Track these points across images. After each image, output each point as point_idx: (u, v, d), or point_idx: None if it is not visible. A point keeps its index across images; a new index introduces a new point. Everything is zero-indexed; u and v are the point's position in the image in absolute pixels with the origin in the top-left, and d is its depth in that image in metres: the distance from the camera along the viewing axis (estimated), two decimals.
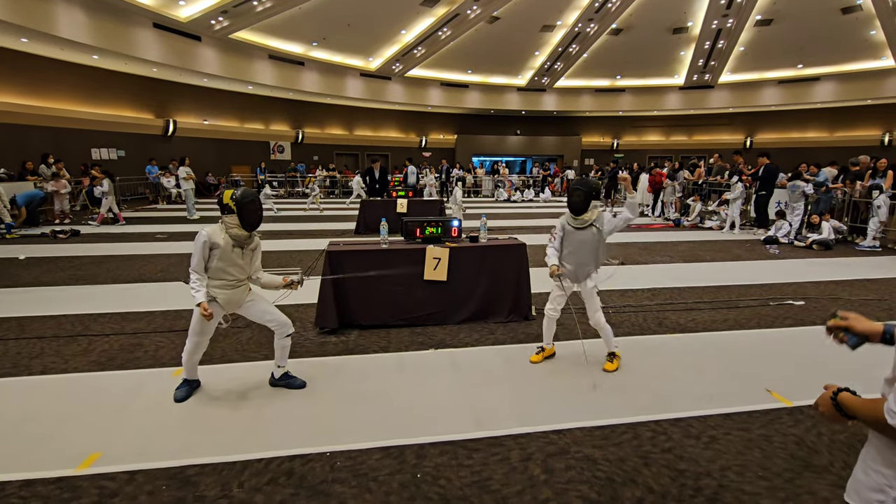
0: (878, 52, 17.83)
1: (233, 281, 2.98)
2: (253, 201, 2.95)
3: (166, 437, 2.67)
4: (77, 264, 6.89)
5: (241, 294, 3.05)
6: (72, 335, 4.16)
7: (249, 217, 2.93)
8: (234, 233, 2.92)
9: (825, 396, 1.21)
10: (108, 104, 16.09)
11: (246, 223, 2.93)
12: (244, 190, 2.99)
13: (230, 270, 2.95)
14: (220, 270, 2.93)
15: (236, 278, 2.99)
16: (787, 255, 7.96)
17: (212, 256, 2.90)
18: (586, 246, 3.44)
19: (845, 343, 1.28)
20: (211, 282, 2.93)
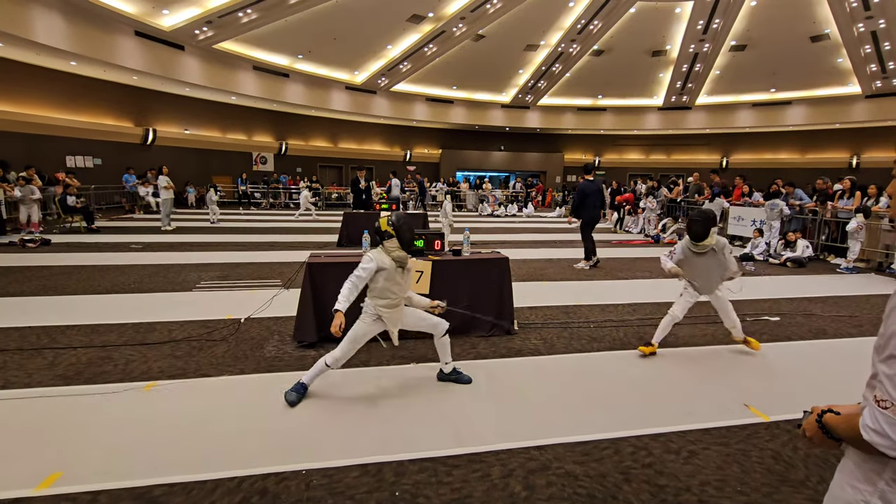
0: (845, 78, 18.68)
1: (396, 300, 3.17)
2: (407, 222, 3.18)
3: (133, 455, 2.55)
4: (46, 274, 6.65)
5: (401, 312, 3.26)
6: (37, 348, 3.98)
7: (407, 236, 3.14)
8: (398, 255, 3.12)
9: (811, 420, 1.18)
10: (85, 111, 15.79)
11: (405, 243, 3.14)
12: (397, 213, 3.23)
13: (394, 290, 3.13)
14: (385, 290, 3.11)
15: (399, 297, 3.18)
16: (763, 272, 8.15)
17: (377, 278, 3.09)
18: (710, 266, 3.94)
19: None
20: (379, 301, 3.12)
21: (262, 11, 14.29)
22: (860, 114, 19.55)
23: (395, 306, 3.18)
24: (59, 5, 11.94)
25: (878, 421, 0.95)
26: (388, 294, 3.12)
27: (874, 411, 0.96)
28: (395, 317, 3.21)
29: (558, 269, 7.78)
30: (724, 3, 15.72)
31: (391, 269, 3.08)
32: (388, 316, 3.16)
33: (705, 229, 3.83)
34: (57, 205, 11.60)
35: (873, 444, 0.96)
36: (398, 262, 3.12)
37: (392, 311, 3.17)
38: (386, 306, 3.14)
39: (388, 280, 3.10)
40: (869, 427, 0.97)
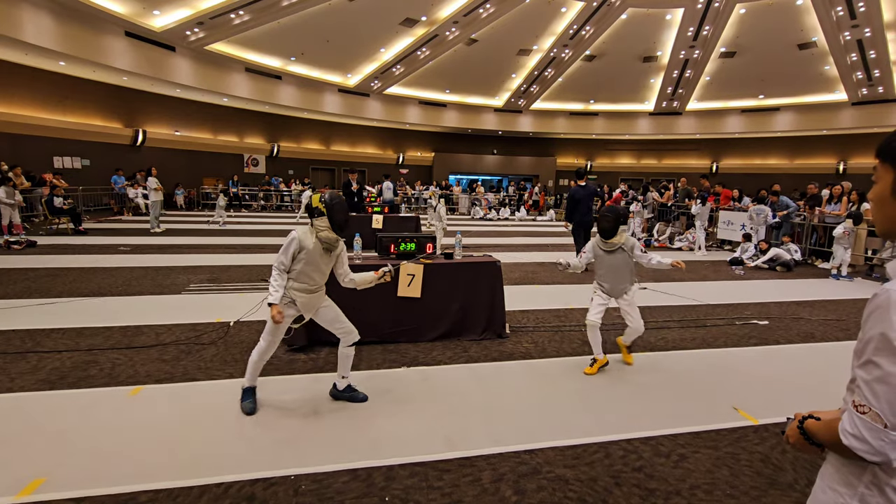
0: (832, 86, 18.98)
1: (314, 286, 3.00)
2: (341, 202, 3.00)
3: (118, 461, 2.50)
4: (31, 276, 6.54)
5: (318, 299, 3.08)
6: (20, 351, 3.91)
7: (339, 217, 2.97)
8: (325, 235, 2.94)
9: (792, 426, 1.19)
10: (74, 112, 15.60)
11: (336, 224, 2.96)
12: (332, 192, 3.05)
13: (313, 275, 2.97)
14: (303, 274, 2.94)
15: (317, 283, 3.01)
16: (752, 276, 8.23)
17: (298, 259, 2.92)
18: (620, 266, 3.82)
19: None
20: (293, 283, 2.95)
21: (255, 13, 14.24)
22: (847, 120, 19.87)
23: (312, 292, 3.00)
24: (49, 5, 11.81)
25: (856, 426, 0.96)
26: (306, 279, 2.95)
27: (853, 416, 0.97)
28: (311, 303, 3.03)
29: (550, 273, 7.80)
30: (714, 10, 15.93)
31: (315, 250, 2.92)
32: (302, 301, 2.98)
33: (614, 226, 3.75)
34: (43, 206, 11.43)
35: (852, 448, 0.96)
36: (325, 244, 2.95)
37: (307, 296, 2.99)
38: (301, 290, 2.96)
39: (309, 264, 2.93)
40: (848, 432, 0.97)
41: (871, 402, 0.94)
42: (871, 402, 0.94)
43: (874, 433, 0.93)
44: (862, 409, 0.95)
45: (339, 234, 3.01)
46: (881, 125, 18.64)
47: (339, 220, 2.97)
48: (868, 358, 0.95)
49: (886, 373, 0.92)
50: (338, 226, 2.98)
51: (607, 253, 3.80)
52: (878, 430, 0.93)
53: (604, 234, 3.79)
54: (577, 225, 8.04)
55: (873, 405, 0.93)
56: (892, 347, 0.90)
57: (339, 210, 2.98)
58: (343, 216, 2.99)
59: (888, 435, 0.92)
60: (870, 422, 0.94)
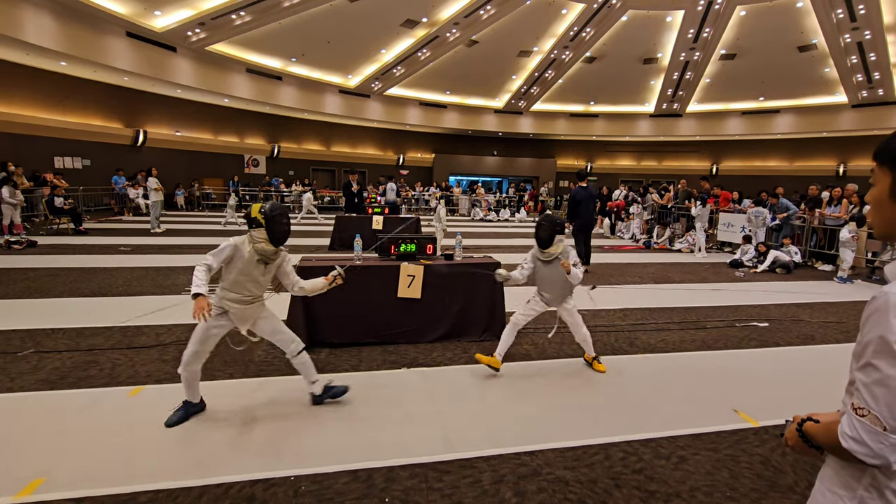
0: (832, 88, 19.00)
1: (249, 297, 2.87)
2: (282, 214, 2.88)
3: (118, 461, 2.50)
4: (32, 276, 6.54)
5: (254, 310, 2.94)
6: (21, 351, 3.91)
7: (277, 230, 2.85)
8: (261, 247, 2.83)
9: (791, 429, 1.19)
10: (74, 112, 15.62)
11: (274, 237, 2.85)
12: (273, 203, 2.93)
13: (248, 286, 2.85)
14: (238, 284, 2.83)
15: (253, 294, 2.88)
16: (752, 278, 8.23)
17: (231, 268, 2.81)
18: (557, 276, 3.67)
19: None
20: (226, 293, 2.83)
21: (256, 14, 14.25)
22: (847, 123, 19.89)
23: (247, 304, 2.87)
24: (50, 5, 11.82)
25: (856, 429, 0.96)
26: (240, 289, 2.83)
27: (852, 419, 0.97)
28: (245, 315, 2.90)
29: None
30: (715, 12, 15.94)
31: (249, 261, 2.80)
32: (235, 312, 2.84)
33: (550, 235, 3.62)
34: (44, 206, 11.44)
35: (852, 451, 0.97)
36: (260, 256, 2.83)
37: (241, 307, 2.85)
38: (235, 301, 2.83)
39: (244, 274, 2.81)
40: (847, 435, 0.97)
41: (870, 405, 0.94)
42: (871, 405, 0.94)
43: (873, 436, 0.93)
44: (861, 412, 0.95)
45: (277, 247, 2.89)
46: (881, 127, 18.66)
47: (277, 233, 2.85)
48: (867, 361, 0.95)
49: (885, 376, 0.92)
50: (276, 238, 2.86)
51: (545, 263, 3.70)
52: (878, 433, 0.93)
53: (541, 244, 3.68)
54: (577, 228, 8.03)
55: (872, 408, 0.93)
56: (891, 350, 0.91)
57: (279, 222, 2.85)
58: (282, 229, 2.87)
59: (887, 438, 0.92)
60: (869, 425, 0.94)
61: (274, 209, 2.86)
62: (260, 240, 2.83)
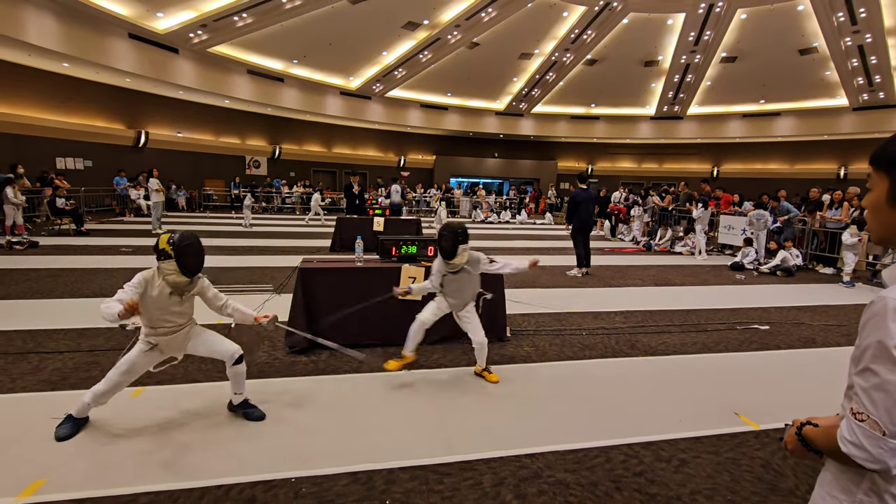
0: (833, 91, 19.01)
1: (172, 327, 2.79)
2: (192, 244, 2.72)
3: (119, 463, 2.51)
4: (33, 277, 6.55)
5: (183, 337, 2.87)
6: (22, 352, 3.92)
7: (189, 261, 2.70)
8: (172, 280, 2.69)
9: (790, 433, 1.20)
10: (76, 113, 15.66)
11: (185, 269, 2.70)
12: (182, 233, 2.75)
13: (168, 318, 2.75)
14: (157, 320, 2.74)
15: (175, 323, 2.80)
16: (752, 281, 8.23)
17: (145, 305, 2.67)
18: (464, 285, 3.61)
19: None
20: (150, 331, 2.75)
21: (258, 16, 14.30)
22: (848, 126, 19.90)
23: (173, 333, 2.79)
24: (52, 6, 11.87)
25: (855, 434, 0.96)
26: (162, 323, 2.73)
27: (851, 424, 0.97)
28: (176, 343, 2.83)
29: (551, 277, 7.80)
30: (716, 15, 15.97)
31: (161, 295, 2.68)
32: (165, 343, 2.77)
33: (451, 246, 3.44)
34: (46, 207, 11.45)
35: (851, 456, 0.97)
36: (173, 288, 2.70)
37: (168, 338, 2.78)
38: (161, 334, 2.75)
39: (158, 308, 2.70)
40: (846, 439, 0.98)
41: (869, 410, 0.94)
42: (870, 410, 0.94)
43: (873, 441, 0.93)
44: (860, 417, 0.95)
45: (189, 277, 2.75)
46: (882, 130, 18.67)
47: (188, 265, 2.70)
48: (865, 366, 0.95)
49: (884, 380, 0.92)
50: (188, 269, 2.71)
51: (452, 274, 3.58)
52: (877, 438, 0.93)
53: (444, 255, 3.53)
54: (576, 230, 8.03)
55: (871, 413, 0.94)
56: (890, 355, 0.91)
57: (190, 254, 2.70)
58: (194, 260, 2.72)
59: (887, 443, 0.92)
60: (868, 429, 0.94)
61: (183, 239, 2.70)
62: (170, 272, 2.69)
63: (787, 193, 11.01)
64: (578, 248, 8.01)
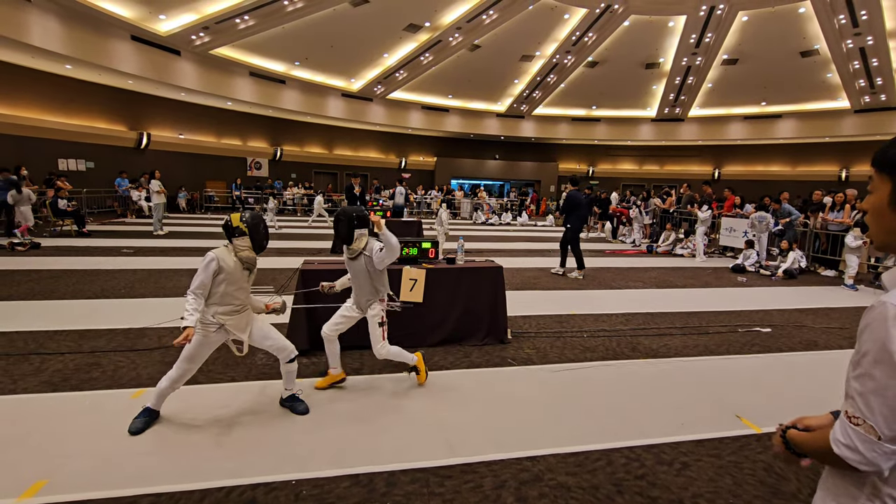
0: (835, 93, 19.00)
1: (239, 306, 2.94)
2: (263, 221, 3.00)
3: (120, 464, 2.51)
4: (35, 278, 6.57)
5: (247, 317, 3.01)
6: (24, 353, 3.92)
7: (261, 238, 2.96)
8: (246, 255, 2.91)
9: (776, 436, 1.20)
10: (78, 114, 15.69)
11: (257, 244, 2.95)
12: (254, 212, 3.01)
13: (237, 294, 2.91)
14: (227, 296, 2.87)
15: (242, 302, 2.96)
16: (754, 284, 8.22)
17: (218, 282, 2.83)
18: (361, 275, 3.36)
19: None
20: (219, 308, 2.86)
21: (260, 18, 14.33)
22: (849, 128, 19.88)
23: (239, 312, 2.94)
24: (56, 9, 11.91)
25: (849, 437, 0.96)
26: (231, 300, 2.88)
27: (846, 427, 0.97)
28: (241, 323, 2.95)
29: (552, 279, 7.80)
30: (717, 17, 15.97)
31: (235, 270, 2.86)
32: (232, 323, 2.89)
33: (346, 230, 3.28)
34: (48, 208, 11.48)
35: (844, 458, 0.97)
36: (245, 264, 2.91)
37: (236, 317, 2.91)
38: (229, 313, 2.88)
39: (231, 284, 2.85)
40: (840, 442, 0.97)
41: (865, 415, 0.94)
42: (866, 415, 0.94)
43: (867, 444, 0.93)
44: (856, 421, 0.95)
45: (258, 253, 2.99)
46: (884, 133, 18.64)
47: (260, 241, 2.96)
48: (864, 371, 0.95)
49: (882, 385, 0.91)
50: (259, 246, 2.96)
51: (350, 260, 3.37)
52: (872, 442, 0.93)
53: (342, 240, 3.37)
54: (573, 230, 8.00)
55: (867, 417, 0.93)
56: (889, 360, 0.90)
57: (261, 230, 2.96)
58: (264, 236, 2.98)
59: (881, 447, 0.92)
60: (863, 434, 0.94)
61: (255, 218, 2.95)
62: (243, 248, 2.91)
63: (790, 196, 10.99)
64: (576, 249, 7.99)
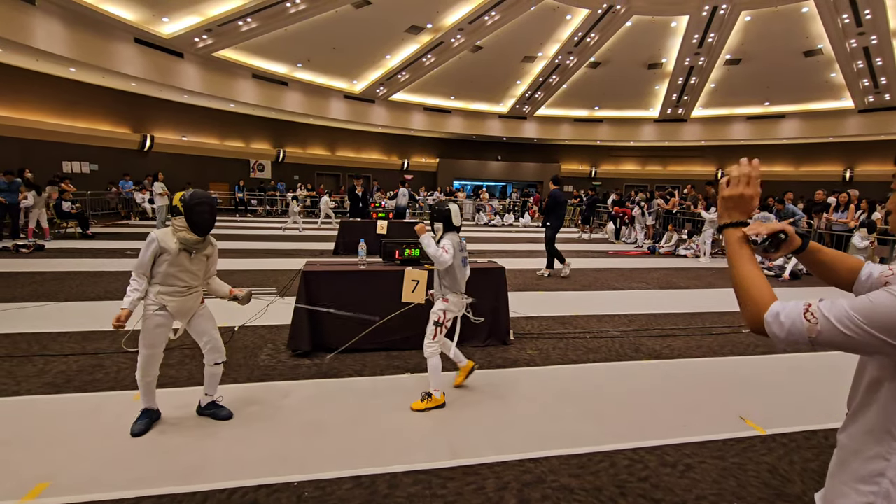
0: (838, 93, 18.93)
1: (184, 287, 2.80)
2: (202, 203, 2.77)
3: (122, 466, 2.51)
4: (39, 280, 6.59)
5: (193, 302, 2.88)
6: (27, 355, 3.94)
7: (198, 220, 2.76)
8: (183, 236, 2.75)
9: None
10: (83, 117, 15.79)
11: (194, 226, 2.76)
12: (195, 191, 2.83)
13: (181, 276, 2.78)
14: (170, 276, 2.76)
15: (188, 284, 2.82)
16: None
17: (160, 262, 2.75)
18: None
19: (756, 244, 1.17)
20: (161, 288, 2.77)
21: (262, 20, 14.39)
22: (853, 128, 19.79)
23: (183, 295, 2.80)
24: (60, 12, 11.99)
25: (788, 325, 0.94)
26: (174, 281, 2.76)
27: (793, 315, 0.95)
28: (184, 307, 2.82)
29: (554, 280, 7.78)
30: (719, 17, 15.95)
31: (175, 251, 2.73)
32: (173, 306, 2.77)
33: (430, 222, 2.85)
34: (52, 210, 11.54)
35: (767, 327, 0.95)
36: (183, 245, 2.75)
37: (179, 299, 2.78)
38: (170, 294, 2.76)
39: (173, 265, 2.75)
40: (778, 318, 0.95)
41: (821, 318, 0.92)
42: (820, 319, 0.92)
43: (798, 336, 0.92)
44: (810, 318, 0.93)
45: (199, 235, 2.80)
46: (888, 132, 18.56)
47: (197, 221, 2.75)
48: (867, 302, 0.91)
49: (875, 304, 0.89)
50: (196, 227, 2.77)
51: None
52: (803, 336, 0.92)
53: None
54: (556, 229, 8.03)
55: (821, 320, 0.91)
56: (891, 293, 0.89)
57: (198, 211, 2.74)
58: (202, 217, 2.76)
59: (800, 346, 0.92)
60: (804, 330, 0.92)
61: (194, 197, 2.77)
62: (181, 228, 2.77)
63: (793, 196, 10.95)
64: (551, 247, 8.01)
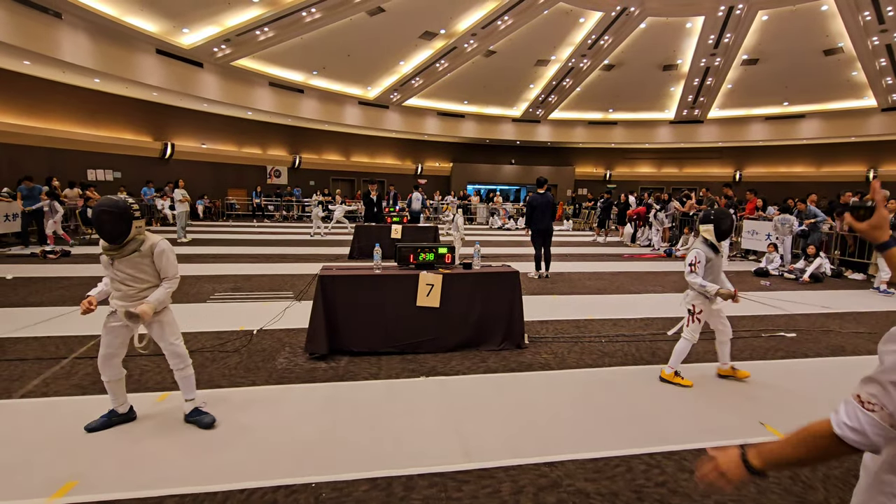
0: (860, 92, 18.50)
1: (121, 291, 2.82)
2: (102, 212, 2.63)
3: (146, 465, 2.58)
4: (66, 285, 6.80)
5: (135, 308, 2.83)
6: (55, 357, 4.07)
7: (98, 227, 2.68)
8: (101, 244, 2.77)
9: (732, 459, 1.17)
10: (106, 126, 16.25)
11: (99, 233, 2.71)
12: (101, 199, 2.75)
13: (118, 285, 2.82)
14: (112, 280, 2.84)
15: (127, 288, 2.80)
16: (778, 287, 8.02)
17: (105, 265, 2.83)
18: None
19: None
20: (112, 293, 2.87)
21: (279, 30, 14.66)
22: (876, 127, 19.31)
23: (122, 298, 2.81)
24: (86, 26, 12.39)
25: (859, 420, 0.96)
26: (116, 285, 2.82)
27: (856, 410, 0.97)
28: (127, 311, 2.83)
29: (569, 283, 7.74)
30: (736, 17, 15.74)
31: (104, 257, 2.79)
32: (119, 309, 2.84)
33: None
34: (77, 217, 11.88)
35: (844, 438, 0.97)
36: (102, 251, 2.77)
37: (121, 303, 2.82)
38: (116, 297, 2.83)
39: (107, 270, 2.82)
40: (846, 424, 0.98)
41: (883, 402, 0.93)
42: (884, 402, 0.93)
43: (876, 429, 0.94)
44: (870, 407, 0.94)
45: (110, 243, 2.71)
46: None
47: (100, 231, 2.69)
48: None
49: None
50: (100, 234, 2.69)
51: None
52: (882, 428, 0.93)
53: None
54: (535, 232, 8.09)
55: (886, 405, 0.92)
56: None
57: (101, 221, 2.64)
58: (101, 226, 2.65)
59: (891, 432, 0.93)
60: (876, 420, 0.94)
61: (98, 206, 2.67)
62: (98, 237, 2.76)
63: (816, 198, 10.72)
64: (538, 251, 8.08)
